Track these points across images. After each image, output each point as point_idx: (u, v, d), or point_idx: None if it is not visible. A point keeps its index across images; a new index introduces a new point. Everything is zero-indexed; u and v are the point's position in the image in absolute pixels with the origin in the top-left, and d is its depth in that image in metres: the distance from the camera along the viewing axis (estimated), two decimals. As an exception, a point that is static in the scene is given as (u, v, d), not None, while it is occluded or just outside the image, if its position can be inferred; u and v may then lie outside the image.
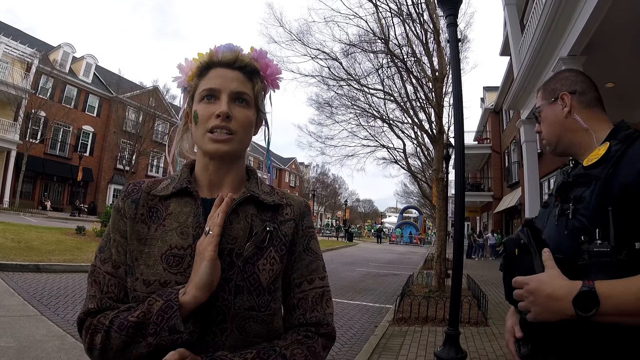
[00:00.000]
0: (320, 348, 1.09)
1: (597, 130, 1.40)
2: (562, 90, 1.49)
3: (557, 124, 1.50)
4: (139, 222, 1.09)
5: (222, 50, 1.17)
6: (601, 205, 1.18)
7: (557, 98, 1.49)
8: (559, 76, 1.55)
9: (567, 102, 1.46)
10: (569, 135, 1.47)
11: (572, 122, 1.45)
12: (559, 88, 1.51)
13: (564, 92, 1.48)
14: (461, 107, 5.18)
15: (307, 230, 1.22)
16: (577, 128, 1.44)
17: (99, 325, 0.99)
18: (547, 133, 1.55)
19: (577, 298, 1.08)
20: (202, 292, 0.96)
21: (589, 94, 1.47)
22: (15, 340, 4.78)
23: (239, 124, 1.10)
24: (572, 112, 1.45)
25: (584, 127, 1.42)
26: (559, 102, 1.49)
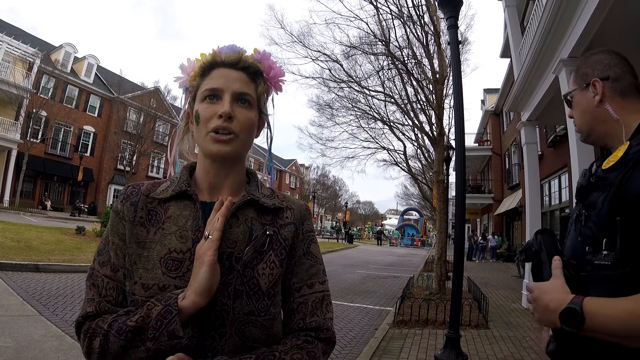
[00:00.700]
0: (320, 353, 1.07)
1: (629, 122, 1.27)
2: (593, 75, 1.37)
3: (589, 113, 1.38)
4: (137, 225, 1.08)
5: (226, 50, 1.16)
6: (611, 213, 1.11)
7: (589, 84, 1.37)
8: (592, 59, 1.42)
9: (598, 90, 1.34)
10: (601, 125, 1.36)
11: (604, 111, 1.33)
12: (590, 73, 1.39)
13: (596, 79, 1.35)
14: (462, 109, 5.17)
15: (307, 234, 1.20)
16: (608, 118, 1.32)
17: (97, 329, 0.98)
18: (579, 121, 1.43)
19: (562, 313, 1.07)
20: (201, 297, 0.95)
21: (625, 80, 1.33)
22: (14, 340, 4.77)
23: (241, 125, 1.09)
24: (603, 100, 1.34)
25: (615, 118, 1.30)
26: (590, 89, 1.37)
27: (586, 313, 1.03)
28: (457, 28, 5.38)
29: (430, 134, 11.88)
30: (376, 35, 12.52)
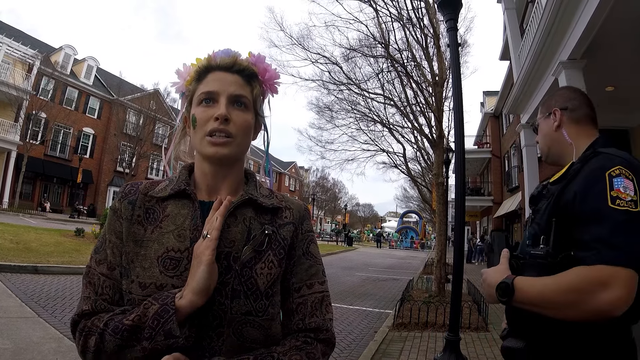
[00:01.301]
0: (320, 354, 1.07)
1: (580, 145, 1.57)
2: (555, 106, 1.68)
3: (548, 137, 1.70)
4: (135, 223, 1.08)
5: (220, 54, 1.17)
6: (549, 216, 1.41)
7: (551, 113, 1.69)
8: (556, 93, 1.74)
9: (557, 117, 1.66)
10: (557, 147, 1.67)
11: (560, 135, 1.65)
12: (553, 104, 1.70)
13: (556, 108, 1.67)
14: (461, 112, 5.17)
15: (307, 234, 1.20)
16: (563, 141, 1.64)
17: (93, 328, 0.97)
18: (541, 144, 1.76)
19: (498, 287, 1.38)
20: (198, 296, 0.94)
21: (580, 110, 1.64)
22: (12, 342, 4.76)
23: (237, 127, 1.09)
24: (561, 126, 1.65)
25: (568, 141, 1.61)
26: (551, 117, 1.68)
27: (515, 287, 1.34)
28: (457, 30, 5.38)
29: (429, 137, 11.89)
30: (376, 37, 12.54)
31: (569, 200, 1.36)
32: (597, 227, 1.26)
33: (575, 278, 1.23)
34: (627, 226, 1.22)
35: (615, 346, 1.31)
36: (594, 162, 1.40)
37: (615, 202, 1.26)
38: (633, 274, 1.18)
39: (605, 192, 1.28)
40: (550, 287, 1.27)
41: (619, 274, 1.18)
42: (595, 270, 1.20)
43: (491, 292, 1.43)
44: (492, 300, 1.47)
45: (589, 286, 1.19)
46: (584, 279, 1.21)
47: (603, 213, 1.26)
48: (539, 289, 1.29)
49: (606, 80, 7.49)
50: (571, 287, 1.23)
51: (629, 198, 1.26)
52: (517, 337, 1.47)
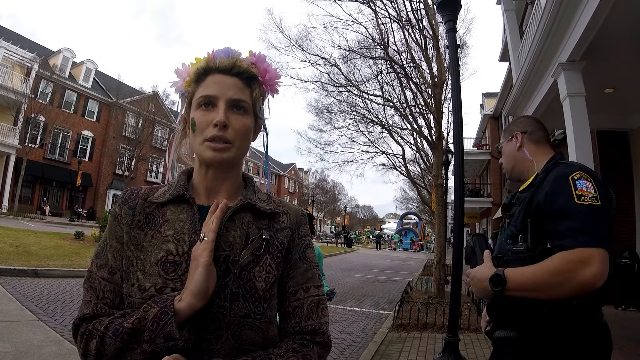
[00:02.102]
0: (316, 356, 1.08)
1: (539, 161, 1.87)
2: (516, 130, 2.00)
3: (512, 156, 2.01)
4: (135, 228, 1.09)
5: (220, 55, 1.16)
6: (524, 218, 1.66)
7: (513, 136, 2.00)
8: (516, 121, 2.07)
9: (519, 139, 1.97)
10: (519, 164, 1.97)
11: (522, 154, 1.95)
12: (514, 129, 2.02)
13: (517, 132, 1.99)
14: (460, 113, 5.18)
15: (303, 238, 1.21)
16: (525, 159, 1.94)
17: (93, 331, 0.98)
18: (505, 163, 2.07)
19: (491, 279, 1.58)
20: (197, 299, 0.95)
21: (537, 133, 1.95)
22: (13, 345, 4.75)
23: (236, 132, 1.10)
24: (522, 146, 1.96)
25: (530, 159, 1.91)
26: (514, 139, 2.00)
27: (507, 276, 1.55)
28: (456, 32, 5.39)
29: (429, 138, 11.90)
30: (375, 39, 12.57)
31: (540, 202, 1.61)
32: (569, 219, 1.50)
33: (559, 261, 1.46)
34: (593, 216, 1.48)
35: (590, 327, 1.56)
36: (557, 170, 1.68)
37: (580, 198, 1.52)
38: (605, 252, 1.43)
39: (571, 192, 1.54)
40: (538, 272, 1.49)
41: (595, 253, 1.42)
42: (576, 253, 1.43)
43: (483, 285, 1.63)
44: (483, 294, 1.67)
45: (573, 265, 1.43)
46: (568, 261, 1.44)
47: (572, 208, 1.51)
48: (529, 276, 1.51)
49: (606, 82, 7.50)
50: (557, 269, 1.45)
51: (591, 195, 1.52)
52: (506, 327, 1.69)
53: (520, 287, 1.53)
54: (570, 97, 6.28)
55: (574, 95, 6.27)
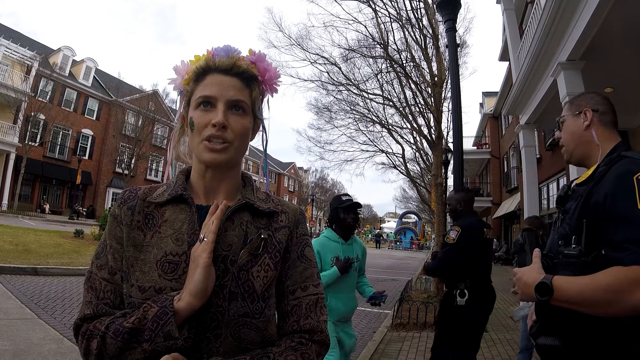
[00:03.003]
0: (314, 355, 1.08)
1: (605, 148, 1.62)
2: (586, 106, 1.71)
3: (576, 135, 1.72)
4: (135, 228, 1.09)
5: (219, 53, 1.16)
6: (579, 217, 1.49)
7: (581, 112, 1.72)
8: (586, 95, 1.78)
9: (588, 117, 1.69)
10: (583, 147, 1.70)
11: (589, 135, 1.68)
12: (584, 104, 1.73)
13: (587, 109, 1.70)
14: (460, 112, 5.19)
15: (302, 237, 1.21)
16: (591, 142, 1.67)
17: (94, 331, 0.98)
18: (566, 141, 1.77)
19: (537, 287, 1.41)
20: (196, 298, 0.96)
21: (609, 115, 1.70)
22: (12, 343, 4.76)
23: (235, 133, 1.09)
24: (590, 126, 1.68)
25: (597, 142, 1.65)
26: (581, 116, 1.71)
27: (554, 286, 1.38)
28: (456, 31, 5.40)
29: (428, 137, 11.91)
30: (375, 38, 12.57)
31: (598, 202, 1.43)
32: (629, 229, 1.32)
33: (613, 278, 1.29)
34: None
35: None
36: (620, 165, 1.47)
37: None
38: None
39: (634, 194, 1.34)
40: (589, 286, 1.32)
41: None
42: (631, 271, 1.26)
43: (528, 291, 1.47)
44: (528, 299, 1.52)
45: (627, 286, 1.25)
46: (622, 279, 1.27)
47: (633, 215, 1.33)
48: (579, 289, 1.35)
49: (605, 81, 7.51)
50: (610, 287, 1.28)
51: None
52: (551, 334, 1.56)
53: (567, 299, 1.38)
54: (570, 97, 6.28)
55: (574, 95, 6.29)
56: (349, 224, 3.58)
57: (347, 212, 3.58)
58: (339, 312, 3.45)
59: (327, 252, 3.49)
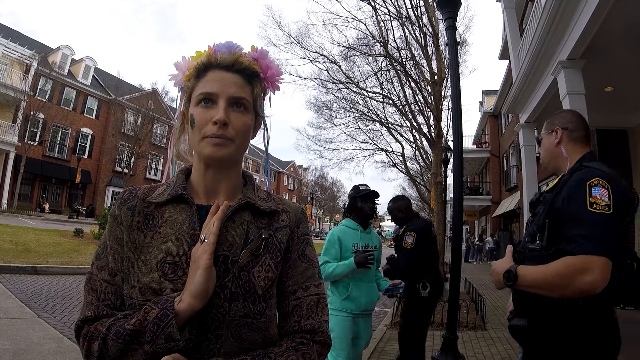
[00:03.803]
0: (316, 355, 1.08)
1: (572, 160, 1.94)
2: (557, 125, 2.04)
3: (549, 151, 2.08)
4: (135, 229, 1.08)
5: (221, 49, 1.14)
6: (544, 218, 1.77)
7: (553, 130, 2.05)
8: (560, 115, 2.10)
9: (558, 135, 2.02)
10: (555, 160, 2.06)
11: (559, 150, 2.02)
12: (556, 123, 2.06)
13: (558, 127, 2.03)
14: (460, 111, 5.17)
15: (303, 237, 1.20)
16: (560, 156, 2.01)
17: (96, 333, 0.98)
18: (543, 156, 2.14)
19: (504, 274, 1.75)
20: (197, 300, 0.95)
21: (578, 132, 1.99)
22: (12, 342, 4.76)
23: (236, 130, 1.08)
24: (560, 143, 2.02)
25: (565, 156, 1.99)
26: (554, 134, 2.05)
27: (518, 273, 1.71)
28: (456, 29, 5.38)
29: (428, 136, 11.91)
30: (374, 36, 12.55)
31: (558, 206, 1.72)
32: (579, 226, 1.61)
33: (563, 266, 1.58)
34: (602, 225, 1.58)
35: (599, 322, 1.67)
36: (578, 174, 1.75)
37: (592, 206, 1.61)
38: (607, 261, 1.53)
39: (585, 198, 1.63)
40: (545, 273, 1.63)
41: (596, 261, 1.53)
42: (578, 259, 1.55)
43: (498, 278, 1.79)
44: (500, 286, 1.82)
45: (574, 272, 1.55)
46: (570, 266, 1.56)
47: (583, 215, 1.61)
48: (536, 275, 1.66)
49: (605, 80, 7.51)
50: (560, 273, 1.58)
51: (604, 203, 1.61)
52: (521, 316, 1.84)
53: (528, 284, 1.69)
54: (570, 96, 6.29)
55: (574, 94, 6.28)
56: (366, 212, 3.65)
57: (364, 201, 3.66)
58: (361, 304, 3.45)
59: (348, 239, 3.53)
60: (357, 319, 3.47)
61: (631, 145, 9.80)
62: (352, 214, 3.71)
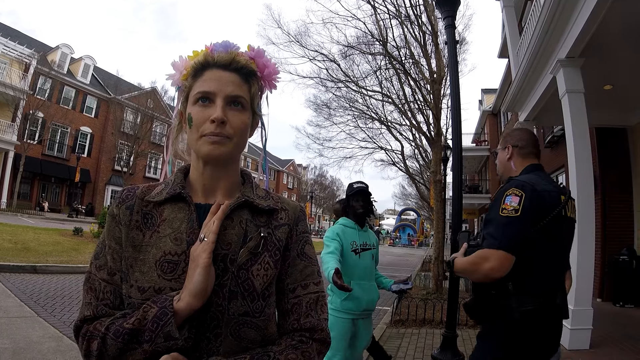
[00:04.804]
0: (315, 353, 1.08)
1: (519, 173, 2.32)
2: (509, 142, 2.41)
3: (502, 164, 2.46)
4: (133, 228, 1.08)
5: (218, 49, 1.15)
6: (482, 222, 2.24)
7: (506, 147, 2.42)
8: (513, 133, 2.45)
9: (509, 152, 2.40)
10: (506, 173, 2.43)
11: (509, 165, 2.41)
12: (508, 140, 2.43)
13: (509, 145, 2.40)
14: (459, 109, 5.17)
15: (302, 235, 1.20)
16: (510, 170, 2.39)
17: (95, 332, 0.98)
18: (498, 167, 2.53)
19: (447, 263, 2.33)
20: (196, 299, 0.95)
21: (527, 148, 2.36)
22: (11, 341, 4.76)
23: (233, 128, 1.08)
24: (511, 159, 2.40)
25: (514, 170, 2.37)
26: (506, 150, 2.42)
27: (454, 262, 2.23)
28: (455, 28, 5.38)
29: (427, 134, 11.91)
30: (374, 35, 12.54)
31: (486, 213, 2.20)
32: (490, 226, 2.07)
33: (474, 256, 2.07)
34: (505, 226, 2.00)
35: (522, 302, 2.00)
36: (504, 186, 2.14)
37: (502, 211, 2.03)
38: (503, 253, 1.95)
39: (500, 205, 2.06)
40: (464, 262, 2.13)
41: (495, 253, 1.97)
42: (483, 251, 2.02)
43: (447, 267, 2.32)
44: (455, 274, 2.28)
45: (480, 261, 2.02)
46: (477, 257, 2.04)
47: (494, 218, 2.06)
48: (460, 264, 2.17)
49: (604, 79, 7.50)
50: (472, 262, 2.07)
51: (512, 208, 2.01)
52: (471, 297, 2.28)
53: (457, 271, 2.20)
54: (569, 94, 6.28)
55: (573, 92, 6.28)
56: (356, 211, 3.61)
57: (355, 199, 3.62)
58: (361, 304, 3.41)
59: (346, 237, 3.50)
60: (357, 321, 3.45)
61: (630, 143, 9.79)
62: (348, 213, 3.68)
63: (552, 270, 2.09)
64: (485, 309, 2.14)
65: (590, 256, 5.67)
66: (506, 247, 1.95)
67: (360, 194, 3.61)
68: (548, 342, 2.07)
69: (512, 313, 2.00)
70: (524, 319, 1.99)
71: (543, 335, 2.03)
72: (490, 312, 2.10)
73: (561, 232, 2.12)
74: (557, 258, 2.14)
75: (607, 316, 7.43)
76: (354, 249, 3.46)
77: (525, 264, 2.00)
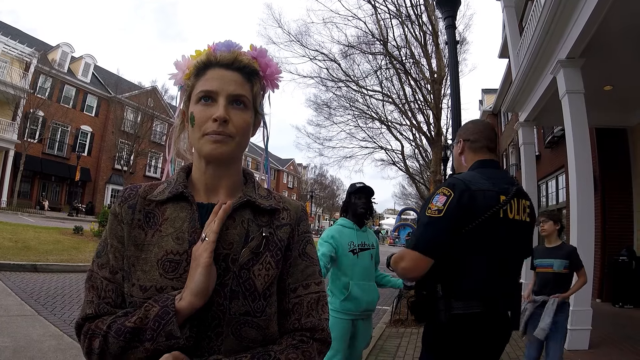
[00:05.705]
0: (316, 353, 1.08)
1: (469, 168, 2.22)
2: (461, 137, 2.30)
3: (455, 159, 2.35)
4: (135, 227, 1.08)
5: (221, 48, 1.15)
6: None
7: (459, 142, 2.30)
8: (466, 126, 2.35)
9: (460, 146, 2.29)
10: (459, 167, 2.31)
11: (460, 160, 2.29)
12: (461, 134, 2.32)
13: (461, 139, 2.29)
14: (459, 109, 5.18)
15: (304, 235, 1.21)
16: (461, 165, 2.29)
17: (96, 330, 0.98)
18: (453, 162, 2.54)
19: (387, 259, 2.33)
20: (197, 298, 0.96)
21: (479, 142, 2.23)
22: (12, 340, 4.77)
23: (236, 127, 1.09)
24: (462, 153, 2.28)
25: (465, 165, 2.25)
26: (458, 144, 2.30)
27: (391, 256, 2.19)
28: (455, 28, 5.39)
29: (427, 134, 11.94)
30: (374, 34, 12.58)
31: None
32: (417, 226, 2.06)
33: (396, 255, 2.09)
34: (425, 226, 1.95)
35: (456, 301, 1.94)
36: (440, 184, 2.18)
37: (427, 211, 1.95)
38: (417, 254, 1.92)
39: (429, 203, 1.98)
40: (393, 259, 2.12)
41: (409, 253, 1.95)
42: (402, 250, 2.03)
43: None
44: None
45: (398, 259, 2.02)
46: (397, 255, 2.07)
47: (422, 217, 1.98)
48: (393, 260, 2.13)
49: (605, 79, 7.51)
50: (394, 260, 2.09)
51: (435, 208, 1.92)
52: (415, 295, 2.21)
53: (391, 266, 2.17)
54: (569, 94, 6.29)
55: (573, 93, 6.28)
56: (357, 209, 3.57)
57: (357, 197, 3.59)
58: (361, 304, 3.37)
59: (343, 238, 3.46)
60: (357, 321, 3.42)
61: (630, 143, 9.80)
62: (347, 213, 3.67)
63: (490, 275, 1.93)
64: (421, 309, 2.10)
65: (590, 256, 5.67)
66: (422, 249, 1.91)
67: (363, 191, 3.60)
68: (482, 352, 1.96)
69: (439, 316, 1.95)
70: (451, 323, 1.92)
71: (476, 343, 1.92)
72: (425, 313, 2.07)
73: (497, 235, 1.94)
74: (495, 263, 1.95)
75: (607, 316, 7.44)
76: (351, 249, 3.42)
77: (454, 267, 1.93)
